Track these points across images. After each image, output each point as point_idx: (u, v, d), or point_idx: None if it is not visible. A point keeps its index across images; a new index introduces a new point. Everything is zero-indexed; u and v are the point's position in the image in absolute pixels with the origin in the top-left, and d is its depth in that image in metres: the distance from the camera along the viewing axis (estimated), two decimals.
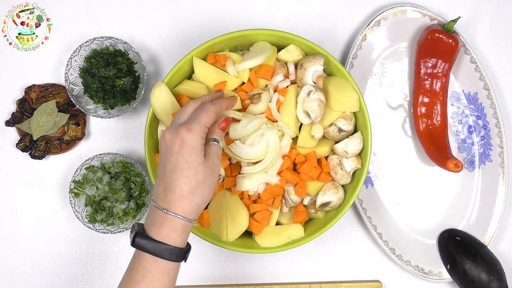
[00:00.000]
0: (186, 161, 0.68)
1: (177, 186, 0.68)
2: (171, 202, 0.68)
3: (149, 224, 0.68)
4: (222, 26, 1.02)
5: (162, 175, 0.69)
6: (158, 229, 0.67)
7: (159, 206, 0.68)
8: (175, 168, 0.68)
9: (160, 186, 0.69)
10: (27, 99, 0.99)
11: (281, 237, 0.86)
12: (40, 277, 0.99)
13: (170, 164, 0.68)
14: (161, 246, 0.67)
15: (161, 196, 0.68)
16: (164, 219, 0.67)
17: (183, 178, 0.68)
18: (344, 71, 0.85)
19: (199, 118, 0.71)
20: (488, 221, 0.98)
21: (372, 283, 0.99)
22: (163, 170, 0.70)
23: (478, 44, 1.03)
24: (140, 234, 0.67)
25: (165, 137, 0.70)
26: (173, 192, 0.68)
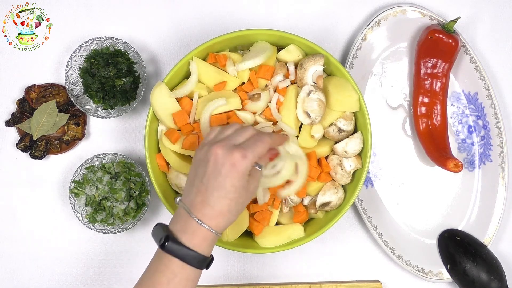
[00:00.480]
0: (233, 185, 0.69)
1: (217, 204, 0.69)
2: (208, 216, 0.69)
3: (179, 229, 0.69)
4: (222, 26, 1.02)
5: (203, 188, 0.69)
6: (190, 238, 0.68)
7: (194, 216, 0.69)
8: (219, 187, 0.69)
9: (198, 197, 0.69)
10: (27, 99, 0.99)
11: (281, 237, 0.86)
12: (40, 277, 0.99)
13: (215, 181, 0.69)
14: (192, 253, 0.68)
15: (197, 207, 0.69)
16: (197, 229, 0.68)
17: (225, 199, 0.69)
18: (344, 71, 0.85)
19: (256, 148, 0.71)
20: (488, 221, 0.98)
21: (372, 283, 0.99)
22: (204, 184, 0.69)
23: (478, 44, 1.03)
24: (172, 239, 0.68)
25: (217, 153, 0.69)
26: (211, 208, 0.69)
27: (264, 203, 0.85)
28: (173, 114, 0.85)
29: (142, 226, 0.99)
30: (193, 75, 0.86)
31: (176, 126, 0.85)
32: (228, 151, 0.69)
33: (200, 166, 0.71)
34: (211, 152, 0.70)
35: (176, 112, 0.85)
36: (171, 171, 0.87)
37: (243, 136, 0.73)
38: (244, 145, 0.71)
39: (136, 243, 1.00)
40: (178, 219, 0.70)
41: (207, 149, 0.71)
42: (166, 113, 0.85)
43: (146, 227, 1.00)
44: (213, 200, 0.69)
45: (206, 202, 0.69)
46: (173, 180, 0.87)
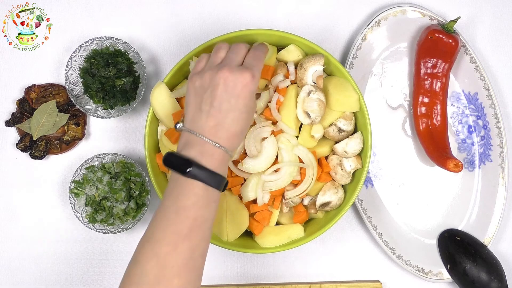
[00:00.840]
0: (245, 105, 0.70)
1: (232, 126, 0.70)
2: (223, 138, 0.69)
3: (197, 154, 0.68)
4: (222, 26, 1.02)
5: (216, 112, 0.69)
6: (210, 160, 0.68)
7: (210, 139, 0.69)
8: (234, 109, 0.70)
9: (210, 121, 0.69)
10: (27, 99, 0.99)
11: (281, 237, 0.86)
12: (40, 277, 0.99)
13: (228, 103, 0.69)
14: (215, 176, 0.68)
15: (211, 131, 0.69)
16: (215, 152, 0.69)
17: (240, 120, 0.70)
18: (344, 71, 0.85)
19: (259, 66, 0.73)
20: (488, 221, 0.98)
21: (372, 283, 0.99)
22: (216, 107, 0.69)
23: (478, 44, 1.03)
24: (196, 164, 0.68)
25: (227, 76, 0.70)
26: (227, 130, 0.69)
27: (264, 203, 0.85)
28: (173, 114, 0.85)
29: (142, 226, 0.99)
30: None
31: None
32: (237, 72, 0.70)
33: (205, 91, 0.71)
34: (219, 75, 0.70)
35: (176, 112, 0.85)
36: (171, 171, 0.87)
37: (240, 55, 0.74)
38: (248, 65, 0.72)
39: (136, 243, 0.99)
40: (192, 144, 0.69)
41: (213, 74, 0.71)
42: (166, 113, 0.85)
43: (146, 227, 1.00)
44: (228, 122, 0.70)
45: (220, 125, 0.69)
46: None
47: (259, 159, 0.82)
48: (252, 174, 0.83)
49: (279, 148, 0.83)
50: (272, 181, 0.83)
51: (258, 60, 0.74)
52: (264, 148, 0.82)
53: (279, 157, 0.84)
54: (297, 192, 0.84)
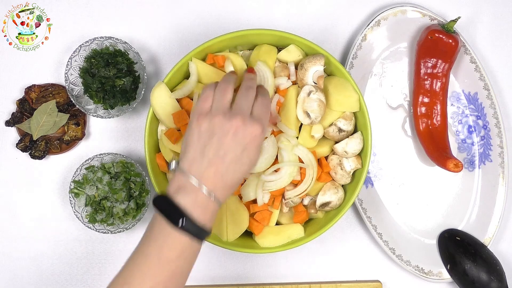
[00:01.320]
0: (249, 158, 0.69)
1: (230, 177, 0.68)
2: (219, 188, 0.68)
3: (190, 204, 0.66)
4: (222, 26, 1.02)
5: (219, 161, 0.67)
6: (203, 214, 0.66)
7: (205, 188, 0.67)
8: (237, 160, 0.68)
9: (210, 168, 0.67)
10: (27, 99, 0.99)
11: (281, 237, 0.86)
12: (40, 277, 0.99)
13: (233, 154, 0.68)
14: (204, 231, 0.67)
15: (209, 179, 0.67)
16: (208, 203, 0.67)
17: (240, 173, 0.69)
18: (344, 71, 0.85)
19: (267, 117, 0.72)
20: (488, 221, 0.98)
21: (372, 283, 0.99)
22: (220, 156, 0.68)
23: (478, 44, 1.03)
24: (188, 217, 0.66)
25: (238, 126, 0.68)
26: (224, 181, 0.68)
27: (264, 203, 0.85)
28: (173, 114, 0.85)
29: (142, 226, 0.99)
30: (193, 76, 0.86)
31: (176, 126, 0.85)
32: (249, 123, 0.69)
33: (212, 137, 0.68)
34: (231, 124, 0.68)
35: (176, 112, 0.85)
36: (171, 171, 0.87)
37: (250, 101, 0.72)
38: (257, 115, 0.71)
39: (136, 243, 0.99)
40: (186, 190, 0.67)
41: (224, 120, 0.68)
42: (166, 113, 0.85)
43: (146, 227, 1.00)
44: (228, 173, 0.68)
45: (219, 174, 0.67)
46: None
47: (259, 159, 0.82)
48: (252, 174, 0.83)
49: (279, 148, 0.83)
50: (272, 181, 0.83)
51: (267, 110, 0.73)
52: (264, 148, 0.82)
53: (279, 157, 0.84)
54: (297, 192, 0.84)
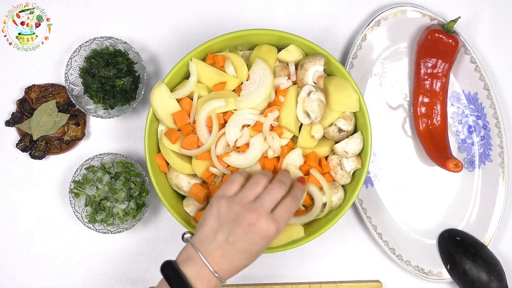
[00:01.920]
0: (258, 252, 0.73)
1: (236, 262, 0.72)
2: (223, 269, 0.71)
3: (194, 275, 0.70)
4: (222, 26, 1.02)
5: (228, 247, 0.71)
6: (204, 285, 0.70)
7: (210, 266, 0.70)
8: (245, 251, 0.72)
9: (218, 251, 0.71)
10: (27, 99, 0.99)
11: (281, 237, 0.86)
12: (40, 277, 0.99)
13: (242, 245, 0.71)
14: None
15: (215, 260, 0.71)
16: (211, 279, 0.70)
17: (245, 260, 0.72)
18: (344, 71, 0.85)
19: (287, 219, 0.74)
20: (488, 221, 0.98)
21: (372, 283, 0.99)
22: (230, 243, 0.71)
23: (478, 44, 1.03)
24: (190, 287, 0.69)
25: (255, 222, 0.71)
26: (229, 264, 0.71)
27: None
28: (173, 114, 0.85)
29: (142, 226, 0.99)
30: (193, 76, 0.86)
31: (176, 126, 0.85)
32: (264, 222, 0.71)
33: (227, 223, 0.72)
34: (247, 217, 0.71)
35: (176, 112, 0.85)
36: (171, 171, 0.87)
37: (275, 200, 0.74)
38: (279, 215, 0.73)
39: (136, 243, 1.00)
40: (192, 262, 0.71)
41: (242, 211, 0.72)
42: (166, 113, 0.85)
43: (146, 227, 1.00)
44: (234, 259, 0.71)
45: (226, 258, 0.71)
46: (173, 180, 0.87)
47: (246, 155, 0.83)
48: None
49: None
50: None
51: (290, 213, 0.75)
52: (252, 144, 0.82)
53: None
54: None
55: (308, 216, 0.86)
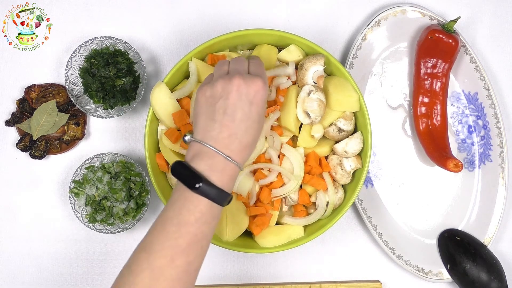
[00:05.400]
0: (258, 114, 0.69)
1: (245, 136, 0.68)
2: (235, 151, 0.67)
3: (207, 168, 0.66)
4: (222, 26, 1.02)
5: (229, 121, 0.67)
6: (220, 176, 0.66)
7: (222, 153, 0.67)
8: (247, 117, 0.68)
9: (223, 132, 0.67)
10: (27, 99, 0.99)
11: (281, 237, 0.86)
12: (40, 277, 0.99)
13: (242, 111, 0.68)
14: (223, 194, 0.66)
15: (225, 143, 0.67)
16: (226, 166, 0.67)
17: (252, 129, 0.68)
18: (344, 71, 0.85)
19: (264, 74, 0.72)
20: (488, 221, 0.98)
21: (372, 283, 0.99)
22: (229, 115, 0.67)
23: (478, 44, 1.03)
24: (205, 180, 0.65)
25: (240, 83, 0.68)
26: (240, 141, 0.68)
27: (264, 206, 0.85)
28: (173, 114, 0.85)
29: (142, 226, 0.99)
30: (193, 75, 0.86)
31: (176, 126, 0.85)
32: (249, 79, 0.69)
33: (217, 100, 0.69)
34: (233, 83, 0.68)
35: (176, 112, 0.85)
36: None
37: (244, 66, 0.72)
38: (255, 73, 0.71)
39: (136, 243, 0.98)
40: (202, 156, 0.67)
41: (225, 82, 0.69)
42: (166, 113, 0.85)
43: (146, 227, 1.00)
44: (241, 133, 0.68)
45: (234, 136, 0.67)
46: (173, 180, 0.87)
47: None
48: None
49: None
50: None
51: (261, 68, 0.74)
52: None
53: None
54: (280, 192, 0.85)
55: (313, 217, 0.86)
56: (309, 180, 0.85)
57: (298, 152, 0.85)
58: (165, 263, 0.64)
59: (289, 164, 0.84)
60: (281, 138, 0.85)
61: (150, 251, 0.65)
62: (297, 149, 0.85)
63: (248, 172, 0.84)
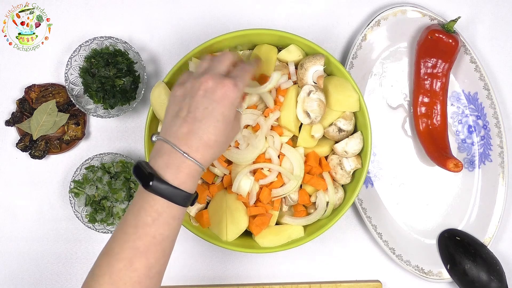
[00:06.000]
0: (223, 114, 0.67)
1: (205, 133, 0.66)
2: (194, 147, 0.65)
3: (162, 165, 0.65)
4: (222, 26, 1.02)
5: (191, 118, 0.66)
6: (175, 174, 0.65)
7: (179, 148, 0.65)
8: (209, 115, 0.66)
9: (183, 127, 0.66)
10: (27, 99, 0.99)
11: (281, 237, 0.86)
12: (40, 277, 0.99)
13: (205, 110, 0.66)
14: (178, 192, 0.64)
15: (183, 139, 0.66)
16: (182, 163, 0.65)
17: (214, 128, 0.66)
18: (344, 71, 0.85)
19: (244, 77, 0.70)
20: (488, 221, 0.98)
21: (372, 283, 0.99)
22: (192, 112, 0.66)
23: (478, 44, 1.03)
24: (157, 178, 0.64)
25: (208, 82, 0.67)
26: (199, 138, 0.66)
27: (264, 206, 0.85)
28: None
29: None
30: None
31: None
32: (219, 79, 0.67)
33: (185, 99, 0.68)
34: (200, 81, 0.68)
35: None
36: None
37: (224, 64, 0.71)
38: (232, 75, 0.69)
39: None
40: (160, 153, 0.66)
41: (194, 81, 0.68)
42: None
43: None
44: (201, 129, 0.66)
45: (193, 132, 0.66)
46: None
47: (246, 150, 0.83)
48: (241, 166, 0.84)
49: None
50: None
51: (244, 72, 0.71)
52: (253, 139, 0.83)
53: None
54: (280, 192, 0.85)
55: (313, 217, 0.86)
56: (309, 180, 0.85)
57: (298, 152, 0.85)
58: (123, 266, 0.63)
59: (289, 164, 0.84)
60: (281, 138, 0.85)
61: (110, 254, 0.65)
62: (297, 149, 0.85)
63: (248, 172, 0.84)
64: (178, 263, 0.99)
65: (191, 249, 1.00)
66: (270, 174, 0.84)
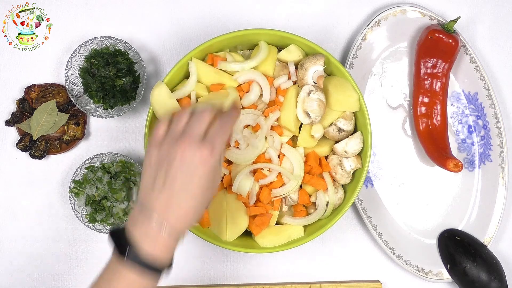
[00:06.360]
0: (200, 183, 0.65)
1: (183, 202, 0.65)
2: (173, 216, 0.64)
3: (140, 235, 0.64)
4: (222, 26, 1.02)
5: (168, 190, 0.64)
6: (152, 246, 0.64)
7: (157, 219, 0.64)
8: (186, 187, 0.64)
9: (160, 198, 0.65)
10: (27, 99, 0.99)
11: (281, 237, 0.86)
12: (40, 277, 0.99)
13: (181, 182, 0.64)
14: (154, 264, 0.64)
15: (161, 209, 0.64)
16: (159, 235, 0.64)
17: (192, 200, 0.65)
18: (344, 71, 0.85)
19: (222, 138, 0.66)
20: (488, 221, 0.98)
21: (372, 283, 0.99)
22: (168, 185, 0.64)
23: (478, 44, 1.03)
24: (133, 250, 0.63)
25: (184, 150, 0.64)
26: (178, 207, 0.64)
27: (264, 206, 0.85)
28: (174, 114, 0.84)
29: None
30: (193, 76, 0.86)
31: None
32: (195, 147, 0.64)
33: (161, 166, 0.65)
34: (176, 149, 0.64)
35: None
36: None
37: (203, 123, 0.66)
38: (209, 138, 0.65)
39: None
40: (138, 222, 0.65)
41: (169, 147, 0.65)
42: (166, 113, 0.85)
43: None
44: (180, 202, 0.64)
45: (171, 203, 0.64)
46: None
47: (246, 150, 0.83)
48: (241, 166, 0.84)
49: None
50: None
51: (223, 131, 0.67)
52: (253, 139, 0.83)
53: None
54: (280, 192, 0.85)
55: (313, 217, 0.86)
56: (309, 180, 0.85)
57: (298, 152, 0.85)
58: None
59: (289, 164, 0.84)
60: (281, 138, 0.85)
61: None
62: (297, 149, 0.85)
63: (248, 172, 0.84)
64: (178, 263, 0.99)
65: (191, 249, 1.00)
66: (270, 174, 0.84)
